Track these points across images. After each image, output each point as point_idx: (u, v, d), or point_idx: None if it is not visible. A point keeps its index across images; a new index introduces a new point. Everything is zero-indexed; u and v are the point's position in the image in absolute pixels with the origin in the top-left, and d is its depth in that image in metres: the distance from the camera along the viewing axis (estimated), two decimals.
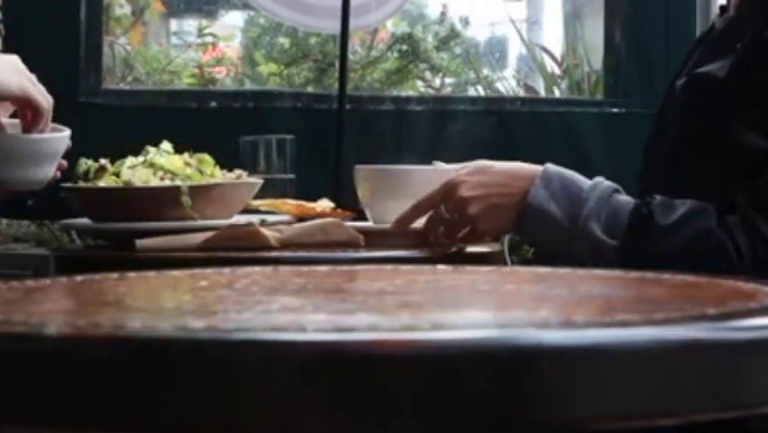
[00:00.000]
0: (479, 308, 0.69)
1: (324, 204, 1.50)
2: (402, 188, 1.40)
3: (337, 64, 2.29)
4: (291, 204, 1.49)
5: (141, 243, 1.29)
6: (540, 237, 1.34)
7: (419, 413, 0.46)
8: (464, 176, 1.30)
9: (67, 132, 1.31)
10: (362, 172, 1.45)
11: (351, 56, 3.30)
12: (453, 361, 0.46)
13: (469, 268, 0.89)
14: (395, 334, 0.51)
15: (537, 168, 1.28)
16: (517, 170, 1.29)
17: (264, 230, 1.29)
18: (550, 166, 1.28)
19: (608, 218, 1.22)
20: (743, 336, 0.52)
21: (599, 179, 1.27)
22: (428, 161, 1.49)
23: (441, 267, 0.88)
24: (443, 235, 1.34)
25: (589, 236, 1.22)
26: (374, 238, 1.33)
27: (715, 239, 1.17)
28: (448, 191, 1.30)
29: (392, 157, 1.66)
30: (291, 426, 0.46)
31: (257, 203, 1.47)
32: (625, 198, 1.24)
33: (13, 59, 1.25)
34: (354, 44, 3.88)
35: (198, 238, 1.28)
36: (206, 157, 1.41)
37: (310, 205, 1.49)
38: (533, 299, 0.73)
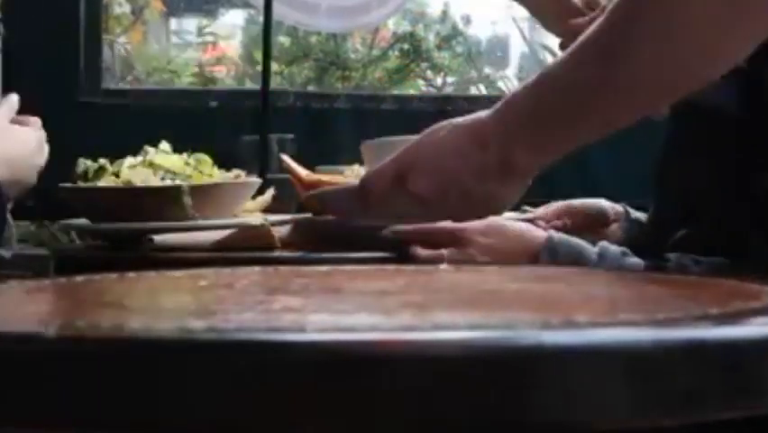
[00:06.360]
0: (479, 308, 0.69)
1: None
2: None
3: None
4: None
5: (155, 239, 1.29)
6: None
7: (419, 414, 0.46)
8: (477, 235, 1.28)
9: None
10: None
11: (352, 55, 3.30)
12: (454, 361, 0.46)
13: (469, 268, 0.89)
14: (395, 334, 0.51)
15: (542, 238, 1.26)
16: (526, 240, 1.27)
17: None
18: (554, 237, 1.26)
19: None
20: (745, 336, 0.52)
21: (605, 244, 1.24)
22: None
23: (441, 267, 0.88)
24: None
25: None
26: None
27: None
28: (455, 241, 1.28)
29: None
30: (291, 426, 0.45)
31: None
32: (634, 261, 1.21)
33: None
34: (355, 43, 3.88)
35: (211, 238, 1.28)
36: (205, 157, 1.41)
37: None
38: (533, 299, 0.72)
